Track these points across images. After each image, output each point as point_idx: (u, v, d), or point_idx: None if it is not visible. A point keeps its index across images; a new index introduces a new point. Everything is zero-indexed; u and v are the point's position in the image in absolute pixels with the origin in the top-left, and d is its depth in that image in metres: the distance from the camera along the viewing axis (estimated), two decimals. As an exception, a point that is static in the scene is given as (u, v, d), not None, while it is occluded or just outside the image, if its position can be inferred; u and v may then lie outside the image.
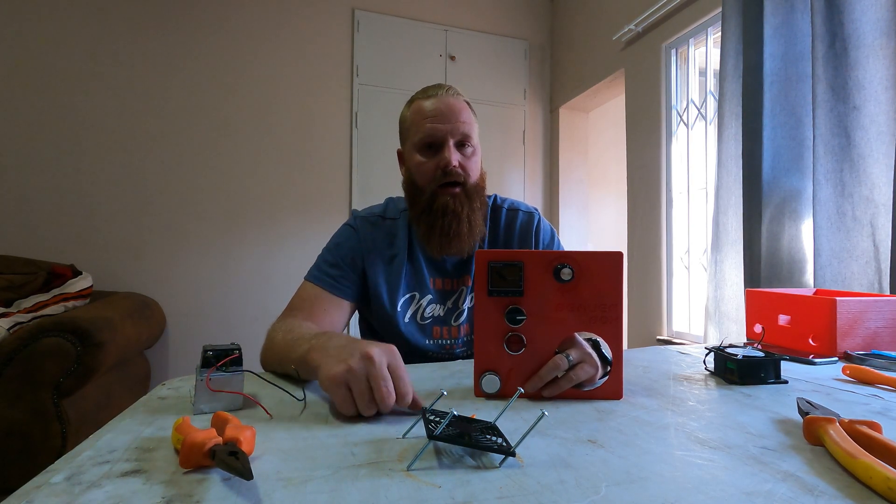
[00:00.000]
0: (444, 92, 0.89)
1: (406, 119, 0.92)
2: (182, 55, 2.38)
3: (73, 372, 1.46)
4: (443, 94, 0.88)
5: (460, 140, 0.88)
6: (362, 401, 0.48)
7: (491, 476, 0.36)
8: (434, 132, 0.86)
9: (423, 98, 0.90)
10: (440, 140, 0.86)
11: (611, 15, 2.49)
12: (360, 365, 0.48)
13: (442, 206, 0.86)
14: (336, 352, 0.52)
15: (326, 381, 0.49)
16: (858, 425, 0.40)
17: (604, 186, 3.28)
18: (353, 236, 0.92)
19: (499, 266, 0.56)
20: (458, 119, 0.87)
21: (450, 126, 0.86)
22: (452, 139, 0.86)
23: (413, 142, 0.89)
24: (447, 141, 0.86)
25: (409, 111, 0.91)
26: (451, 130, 0.86)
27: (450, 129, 0.86)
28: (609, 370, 0.56)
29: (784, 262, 1.44)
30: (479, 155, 0.93)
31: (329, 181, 2.60)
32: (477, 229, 0.89)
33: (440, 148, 0.87)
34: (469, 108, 0.91)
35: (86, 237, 2.22)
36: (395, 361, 0.50)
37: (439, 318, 0.93)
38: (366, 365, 0.48)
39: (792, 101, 1.43)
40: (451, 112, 0.87)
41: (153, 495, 0.32)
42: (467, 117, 0.89)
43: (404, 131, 0.93)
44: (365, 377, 0.48)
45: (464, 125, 0.87)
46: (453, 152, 0.86)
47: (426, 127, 0.86)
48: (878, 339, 0.79)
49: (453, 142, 0.87)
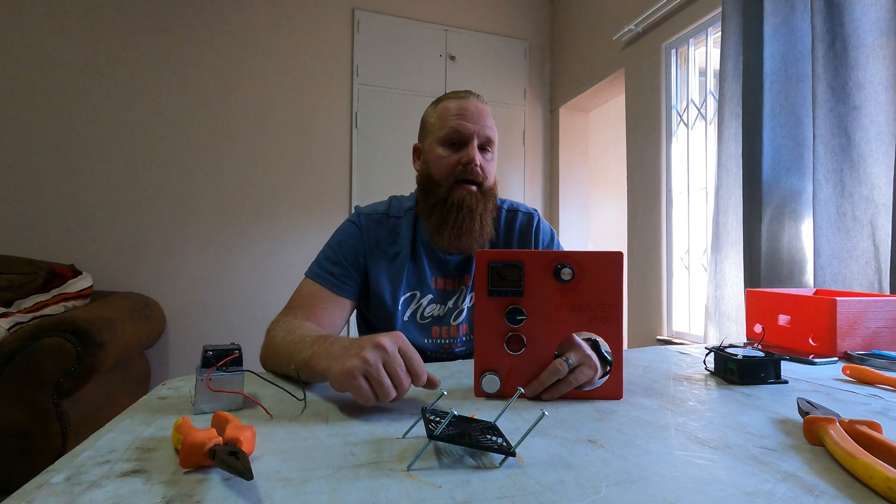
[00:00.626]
0: (475, 97, 0.92)
1: (431, 115, 0.94)
2: (182, 55, 2.38)
3: (73, 372, 1.46)
4: (472, 98, 0.91)
5: (483, 143, 0.90)
6: (381, 388, 0.48)
7: (491, 476, 0.36)
8: (461, 128, 0.88)
9: (452, 98, 0.92)
10: (465, 137, 0.88)
11: (611, 15, 2.49)
12: (373, 354, 0.49)
13: (458, 200, 0.87)
14: (342, 351, 0.52)
15: (340, 376, 0.49)
16: (858, 425, 0.40)
17: (604, 186, 3.28)
18: (357, 233, 0.92)
19: (499, 266, 0.56)
20: (485, 122, 0.90)
21: (476, 126, 0.88)
22: (477, 139, 0.89)
23: (437, 136, 0.90)
24: (472, 140, 0.88)
25: (436, 109, 0.93)
26: (478, 131, 0.88)
27: (476, 129, 0.88)
28: (609, 370, 0.56)
29: (784, 262, 1.44)
30: (496, 163, 0.95)
31: (329, 181, 2.60)
32: (487, 231, 0.90)
33: (464, 145, 0.89)
34: (492, 118, 0.93)
35: (86, 237, 2.22)
36: (405, 345, 0.51)
37: (439, 317, 0.93)
38: (379, 353, 0.49)
39: (792, 101, 1.43)
40: (478, 114, 0.89)
41: (153, 495, 0.32)
42: (492, 123, 0.92)
43: (427, 126, 0.95)
44: (380, 365, 0.48)
45: (489, 129, 0.90)
46: (476, 152, 0.88)
47: (454, 122, 0.88)
48: (878, 339, 0.79)
49: (477, 142, 0.89)
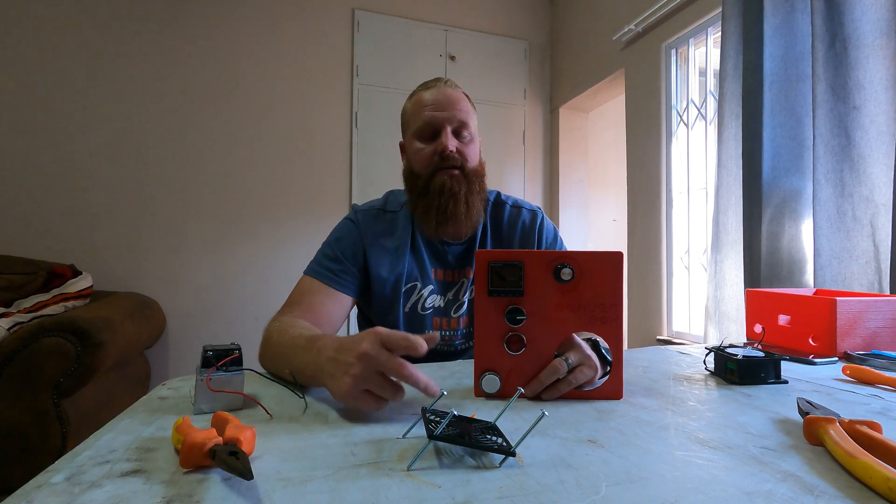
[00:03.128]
0: (443, 84, 0.92)
1: (407, 110, 0.95)
2: (182, 55, 2.38)
3: (73, 372, 1.45)
4: (441, 86, 0.91)
5: (457, 127, 0.90)
6: (387, 392, 0.48)
7: (491, 476, 0.36)
8: (432, 119, 0.88)
9: (422, 90, 0.93)
10: (438, 127, 0.89)
11: (611, 15, 2.49)
12: (361, 368, 0.47)
13: (439, 185, 0.87)
14: (332, 368, 0.50)
15: (343, 399, 0.49)
16: (858, 425, 0.40)
17: (604, 186, 3.28)
18: (354, 229, 0.92)
19: (499, 266, 0.56)
20: (456, 107, 0.89)
21: (447, 114, 0.89)
22: (450, 126, 0.89)
23: (412, 130, 0.91)
24: (444, 128, 0.88)
25: (410, 103, 0.94)
26: (449, 118, 0.89)
27: (447, 116, 0.89)
28: (609, 370, 0.56)
29: (784, 262, 1.44)
30: (478, 144, 0.95)
31: (329, 181, 2.60)
32: (475, 212, 0.90)
33: (438, 135, 0.89)
34: (467, 99, 0.93)
35: (86, 237, 2.22)
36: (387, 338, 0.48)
37: (439, 308, 0.93)
38: (367, 364, 0.47)
39: (792, 101, 1.43)
40: (448, 101, 0.89)
41: (153, 495, 0.32)
42: (464, 106, 0.91)
43: (405, 122, 0.96)
44: (373, 376, 0.47)
45: (461, 113, 0.90)
46: (450, 138, 0.88)
47: (425, 114, 0.89)
48: (878, 339, 0.79)
49: (451, 129, 0.89)
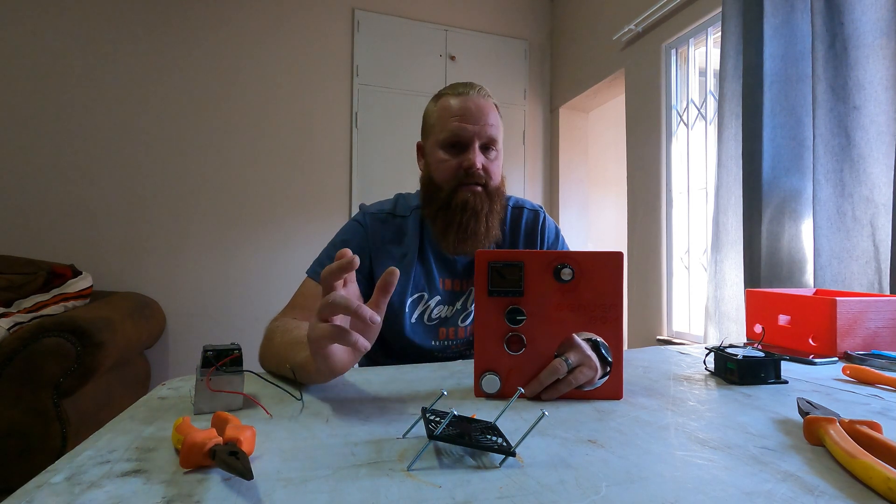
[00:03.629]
0: (475, 92, 0.86)
1: (431, 114, 0.89)
2: (182, 55, 2.38)
3: (73, 372, 1.46)
4: (473, 94, 0.85)
5: (486, 143, 0.85)
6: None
7: (491, 476, 0.35)
8: (460, 132, 0.83)
9: (451, 95, 0.86)
10: (466, 140, 0.84)
11: (611, 15, 2.49)
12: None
13: (462, 202, 0.83)
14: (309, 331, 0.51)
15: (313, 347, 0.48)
16: (858, 425, 0.40)
17: (604, 186, 3.28)
18: (362, 233, 0.89)
19: (499, 266, 0.56)
20: (486, 121, 0.84)
21: (477, 127, 0.83)
22: (478, 141, 0.84)
23: (437, 138, 0.86)
24: (473, 142, 0.83)
25: (436, 106, 0.88)
26: (478, 132, 0.83)
27: (477, 130, 0.83)
28: (609, 370, 0.56)
29: (784, 262, 1.44)
30: (502, 159, 0.90)
31: (329, 181, 2.60)
32: (493, 231, 0.86)
33: (465, 148, 0.84)
34: (497, 111, 0.88)
35: (86, 237, 2.22)
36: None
37: (446, 318, 0.90)
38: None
39: (792, 101, 1.43)
40: (479, 112, 0.84)
41: (153, 495, 0.32)
42: (495, 120, 0.86)
43: (428, 126, 0.90)
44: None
45: (491, 128, 0.85)
46: (478, 154, 0.84)
47: (452, 125, 0.84)
48: (878, 339, 0.79)
49: (479, 143, 0.84)
